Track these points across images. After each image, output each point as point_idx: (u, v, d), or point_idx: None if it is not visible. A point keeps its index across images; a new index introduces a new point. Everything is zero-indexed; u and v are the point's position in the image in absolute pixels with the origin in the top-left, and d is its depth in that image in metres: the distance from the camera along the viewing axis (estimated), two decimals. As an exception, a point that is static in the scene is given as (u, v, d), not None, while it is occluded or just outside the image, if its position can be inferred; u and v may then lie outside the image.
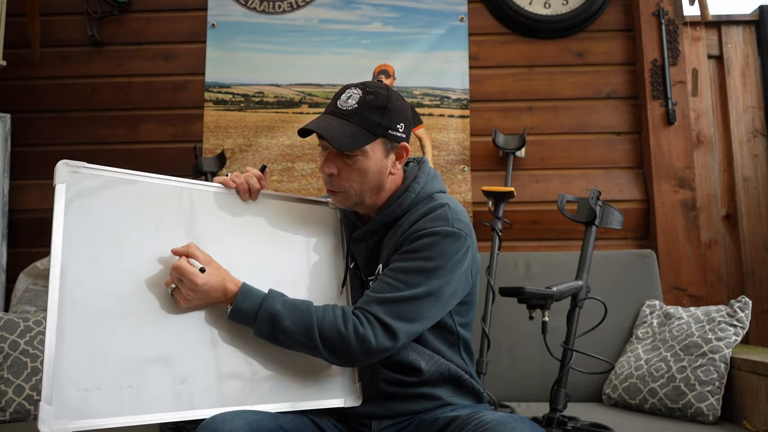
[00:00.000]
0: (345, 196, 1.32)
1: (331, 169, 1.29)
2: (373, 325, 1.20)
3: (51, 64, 2.72)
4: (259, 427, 1.11)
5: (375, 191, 1.33)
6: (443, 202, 1.32)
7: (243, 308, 1.19)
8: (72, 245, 1.13)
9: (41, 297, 2.36)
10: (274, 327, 1.19)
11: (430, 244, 1.25)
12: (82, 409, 1.07)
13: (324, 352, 1.20)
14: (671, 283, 2.43)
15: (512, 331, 2.17)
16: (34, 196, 2.61)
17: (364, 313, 1.21)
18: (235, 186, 1.34)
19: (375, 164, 1.29)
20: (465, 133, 2.63)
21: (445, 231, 1.26)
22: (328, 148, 1.29)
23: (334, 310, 1.22)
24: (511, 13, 2.65)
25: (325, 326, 1.19)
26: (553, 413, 1.71)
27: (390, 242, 1.33)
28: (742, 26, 2.71)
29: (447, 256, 1.26)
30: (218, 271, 1.20)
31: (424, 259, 1.24)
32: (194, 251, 1.20)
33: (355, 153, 1.26)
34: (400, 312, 1.21)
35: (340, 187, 1.31)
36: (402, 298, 1.22)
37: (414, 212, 1.32)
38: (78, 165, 1.18)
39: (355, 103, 1.26)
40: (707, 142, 2.67)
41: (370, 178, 1.30)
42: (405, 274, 1.24)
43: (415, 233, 1.27)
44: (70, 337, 1.09)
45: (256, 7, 2.72)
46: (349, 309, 1.23)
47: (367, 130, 1.26)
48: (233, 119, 2.66)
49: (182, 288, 1.17)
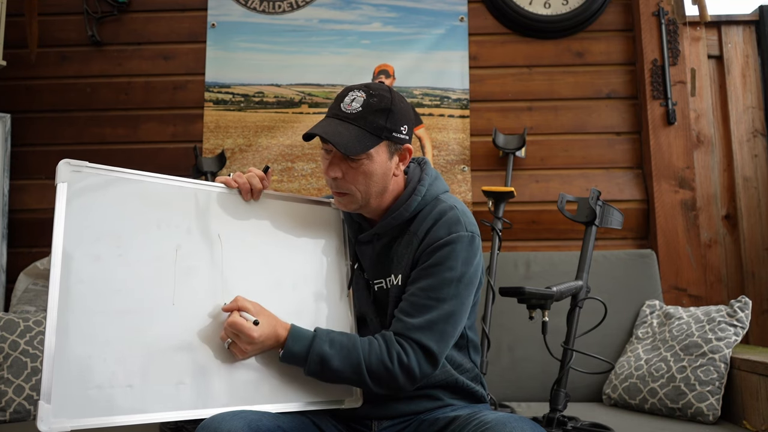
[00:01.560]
0: (350, 199, 1.32)
1: (335, 173, 1.28)
2: (416, 353, 1.23)
3: (51, 64, 2.72)
4: (258, 427, 1.11)
5: (380, 194, 1.33)
6: (451, 204, 1.34)
7: (294, 351, 1.21)
8: (73, 244, 1.13)
9: (41, 297, 2.36)
10: (323, 367, 1.21)
11: (450, 252, 1.27)
12: (81, 408, 1.07)
13: (371, 386, 1.24)
14: (671, 283, 2.43)
15: (512, 331, 2.17)
16: (34, 196, 2.61)
17: (408, 342, 1.24)
18: (237, 186, 1.34)
19: (380, 167, 1.29)
20: (465, 133, 2.63)
21: (461, 237, 1.28)
22: (332, 151, 1.29)
23: (378, 343, 1.24)
24: (511, 13, 2.65)
25: (372, 362, 1.22)
26: (553, 413, 1.71)
27: (405, 251, 1.33)
28: (742, 26, 2.71)
29: (468, 261, 1.29)
30: (269, 319, 1.22)
31: (449, 269, 1.27)
32: (244, 304, 1.21)
33: (360, 157, 1.26)
34: (440, 333, 1.25)
35: (346, 189, 1.30)
36: (439, 318, 1.25)
37: (423, 217, 1.33)
38: (79, 164, 1.18)
39: (359, 107, 1.26)
40: (707, 142, 2.67)
41: (375, 180, 1.30)
42: (434, 291, 1.26)
43: (433, 244, 1.28)
44: (69, 336, 1.09)
45: (256, 7, 2.72)
46: (391, 337, 1.25)
47: (371, 133, 1.26)
48: (233, 119, 2.66)
49: (239, 342, 1.19)
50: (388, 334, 1.25)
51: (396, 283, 1.33)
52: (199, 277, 1.24)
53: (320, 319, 1.34)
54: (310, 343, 1.21)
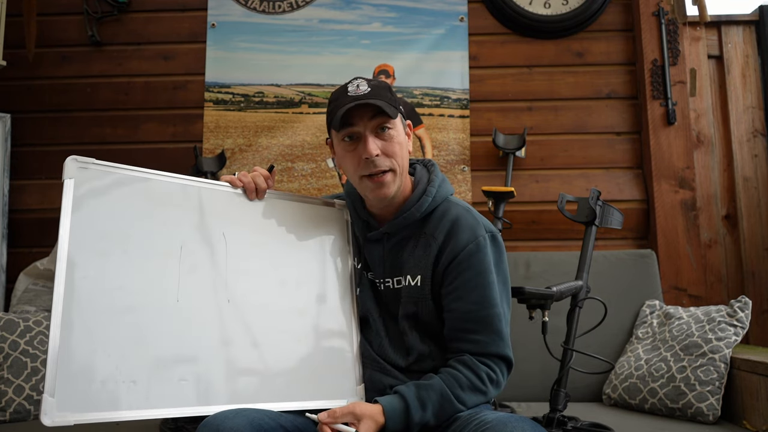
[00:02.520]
0: (393, 177, 1.32)
1: (375, 149, 1.29)
2: (500, 365, 1.29)
3: (51, 64, 2.72)
4: (260, 425, 1.11)
5: (405, 172, 1.36)
6: (464, 206, 1.37)
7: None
8: (79, 240, 1.14)
9: (41, 297, 2.36)
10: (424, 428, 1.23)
11: (482, 259, 1.30)
12: (84, 402, 1.07)
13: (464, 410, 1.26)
14: (671, 283, 2.43)
15: (512, 331, 2.15)
16: (34, 196, 2.61)
17: (490, 359, 1.29)
18: (242, 185, 1.35)
19: (403, 137, 1.34)
20: (465, 133, 2.63)
21: (485, 239, 1.32)
22: (358, 137, 1.30)
23: (463, 373, 1.26)
24: (511, 13, 2.65)
25: (465, 393, 1.25)
26: (553, 413, 1.71)
27: (424, 254, 1.33)
28: (742, 26, 2.71)
29: (500, 260, 1.34)
30: (368, 423, 1.18)
31: (488, 273, 1.30)
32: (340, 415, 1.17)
33: (390, 126, 1.30)
34: (506, 336, 1.31)
35: (388, 165, 1.31)
36: (500, 325, 1.30)
37: (437, 219, 1.34)
38: (87, 161, 1.19)
39: (367, 88, 1.29)
40: (707, 142, 2.67)
41: (404, 152, 1.34)
42: (487, 299, 1.29)
43: (460, 254, 1.30)
44: (74, 331, 1.09)
45: (256, 7, 2.72)
46: (472, 360, 1.27)
47: (389, 103, 1.29)
48: (233, 119, 2.66)
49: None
50: (467, 359, 1.28)
51: (415, 284, 1.33)
52: (203, 275, 1.25)
53: (324, 317, 1.35)
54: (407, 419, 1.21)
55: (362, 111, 1.28)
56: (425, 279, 1.32)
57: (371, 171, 1.30)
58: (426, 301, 1.33)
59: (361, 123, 1.29)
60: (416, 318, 1.34)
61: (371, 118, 1.29)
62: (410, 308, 1.34)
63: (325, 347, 1.33)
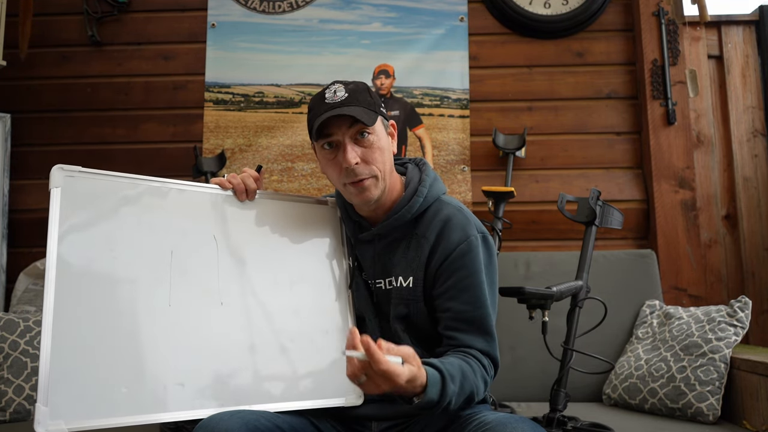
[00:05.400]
0: (375, 182, 1.30)
1: (354, 158, 1.26)
2: (490, 366, 1.30)
3: (51, 64, 2.72)
4: (256, 426, 1.11)
5: (390, 174, 1.34)
6: (456, 205, 1.35)
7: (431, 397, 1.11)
8: (67, 248, 1.13)
9: (41, 297, 2.34)
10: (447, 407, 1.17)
11: (474, 259, 1.30)
12: (78, 410, 1.06)
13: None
14: (671, 283, 2.43)
15: (512, 331, 2.17)
16: (34, 196, 2.61)
17: (486, 359, 1.28)
18: (231, 187, 1.34)
19: (384, 142, 1.31)
20: (465, 133, 2.63)
21: (477, 239, 1.31)
22: (338, 145, 1.28)
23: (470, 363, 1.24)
24: (511, 13, 2.65)
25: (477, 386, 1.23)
26: (553, 413, 1.71)
27: (415, 255, 1.32)
28: (742, 26, 2.71)
29: (491, 262, 1.33)
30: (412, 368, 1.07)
31: (477, 273, 1.30)
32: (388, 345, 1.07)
33: (369, 132, 1.27)
34: (495, 335, 1.31)
35: (369, 172, 1.28)
36: (491, 325, 1.30)
37: (429, 219, 1.33)
38: (73, 169, 1.18)
39: (344, 93, 1.27)
40: (707, 142, 2.67)
41: (387, 156, 1.31)
42: (479, 300, 1.29)
43: (451, 254, 1.29)
44: (65, 339, 1.08)
45: (256, 7, 2.72)
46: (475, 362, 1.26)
47: (368, 108, 1.27)
48: (233, 119, 2.66)
49: (383, 384, 1.05)
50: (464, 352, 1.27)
51: (407, 286, 1.33)
52: (195, 278, 1.24)
53: (319, 317, 1.34)
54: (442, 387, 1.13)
55: (340, 119, 1.26)
56: (417, 280, 1.32)
57: (352, 179, 1.29)
58: (417, 303, 1.32)
59: (339, 132, 1.27)
60: (407, 319, 1.34)
61: (350, 126, 1.27)
62: (401, 310, 1.33)
63: (322, 346, 1.32)
